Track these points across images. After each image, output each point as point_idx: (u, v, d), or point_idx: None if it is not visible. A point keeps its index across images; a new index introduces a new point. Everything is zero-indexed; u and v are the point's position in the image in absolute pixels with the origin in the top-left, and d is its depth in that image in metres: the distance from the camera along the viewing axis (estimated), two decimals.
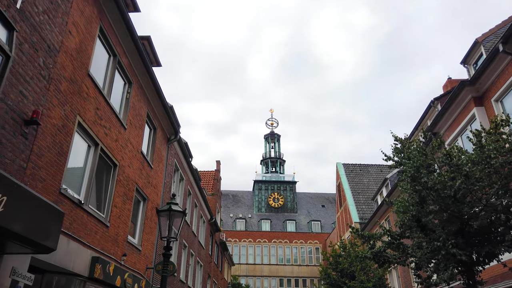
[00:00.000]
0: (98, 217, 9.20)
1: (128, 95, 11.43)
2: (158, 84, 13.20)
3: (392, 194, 22.58)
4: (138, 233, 12.48)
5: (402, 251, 8.53)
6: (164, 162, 15.36)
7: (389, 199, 10.04)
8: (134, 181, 11.79)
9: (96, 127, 9.10)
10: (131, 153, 11.54)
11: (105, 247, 9.55)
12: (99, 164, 9.59)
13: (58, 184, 7.45)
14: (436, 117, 14.27)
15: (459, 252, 7.13)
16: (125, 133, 11.02)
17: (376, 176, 36.80)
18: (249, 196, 62.80)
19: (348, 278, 19.21)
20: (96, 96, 9.13)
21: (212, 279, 28.03)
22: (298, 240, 51.57)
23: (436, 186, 7.64)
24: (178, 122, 17.02)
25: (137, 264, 11.96)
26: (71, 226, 7.92)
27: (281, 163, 67.03)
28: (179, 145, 17.88)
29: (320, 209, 60.72)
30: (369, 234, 9.06)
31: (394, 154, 9.46)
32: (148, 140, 13.81)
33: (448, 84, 21.98)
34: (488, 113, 11.94)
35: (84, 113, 8.51)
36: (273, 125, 70.89)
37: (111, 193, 10.14)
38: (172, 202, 6.35)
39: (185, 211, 6.51)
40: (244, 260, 49.93)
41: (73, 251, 7.91)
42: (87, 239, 8.60)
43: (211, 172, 35.25)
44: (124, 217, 10.99)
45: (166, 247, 6.21)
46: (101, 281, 9.02)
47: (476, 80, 12.11)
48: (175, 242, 17.39)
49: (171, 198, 6.55)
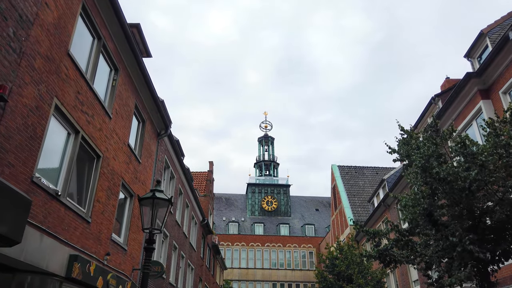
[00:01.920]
0: (78, 212, 8.39)
1: (114, 83, 10.65)
2: (147, 74, 12.45)
3: (389, 196, 21.96)
4: (124, 232, 11.65)
5: (411, 249, 7.83)
6: (153, 157, 14.56)
7: (394, 194, 9.34)
8: (120, 175, 10.99)
9: (76, 113, 8.31)
10: (117, 145, 10.75)
11: (85, 244, 8.72)
12: (80, 154, 8.79)
13: (30, 171, 6.65)
14: (439, 112, 13.67)
15: (477, 249, 6.45)
16: (110, 122, 10.24)
17: (371, 179, 36.22)
18: (242, 199, 61.89)
19: (345, 281, 18.49)
20: (77, 78, 8.35)
21: (203, 282, 27.12)
22: (292, 244, 50.74)
23: (449, 177, 6.98)
24: (169, 117, 16.27)
25: (122, 264, 11.12)
26: (46, 219, 7.11)
27: (275, 166, 66.27)
28: (170, 142, 17.10)
29: (314, 212, 59.98)
30: (374, 230, 8.36)
31: (400, 147, 8.79)
32: (137, 133, 13.02)
33: (446, 84, 21.46)
34: (495, 106, 11.35)
35: (62, 95, 7.73)
36: (267, 127, 70.19)
37: (93, 187, 9.33)
38: (157, 189, 5.60)
39: (171, 199, 5.76)
40: (237, 264, 48.94)
41: (47, 247, 7.09)
42: (64, 235, 7.78)
43: (204, 173, 34.42)
44: (108, 213, 10.17)
45: (149, 240, 5.45)
46: (80, 281, 8.18)
47: (482, 72, 11.53)
48: (165, 242, 16.55)
49: (155, 185, 5.80)
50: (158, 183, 5.97)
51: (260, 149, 67.72)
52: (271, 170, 65.46)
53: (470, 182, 6.81)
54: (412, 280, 19.39)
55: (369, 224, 24.54)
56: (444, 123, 13.59)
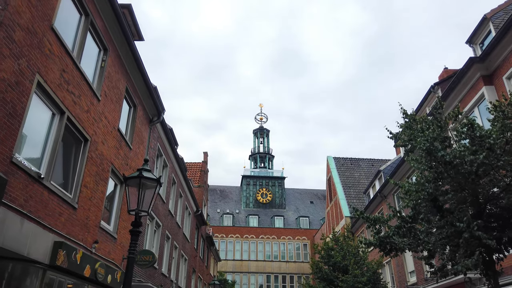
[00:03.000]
0: (63, 197, 7.94)
1: (103, 63, 10.15)
2: (139, 57, 11.94)
3: (386, 187, 21.73)
4: (114, 219, 11.23)
5: (413, 236, 7.50)
6: (145, 144, 14.10)
7: (394, 181, 8.99)
8: (109, 161, 10.54)
9: (61, 92, 7.83)
10: (106, 129, 10.28)
11: (71, 231, 8.30)
12: (66, 136, 8.33)
13: (9, 151, 6.20)
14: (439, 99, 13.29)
15: (485, 236, 6.12)
16: (98, 105, 9.76)
17: (367, 170, 36.00)
18: (236, 191, 61.60)
19: (341, 272, 18.24)
20: (62, 56, 7.85)
21: (197, 274, 26.82)
22: (286, 236, 50.61)
23: (455, 161, 6.62)
24: (162, 103, 15.77)
25: (112, 253, 10.71)
26: (27, 203, 6.67)
27: (270, 158, 65.97)
28: (163, 130, 16.62)
29: (309, 205, 59.89)
30: (375, 217, 8.02)
31: (402, 131, 8.42)
32: (128, 118, 12.54)
33: (444, 74, 21.13)
34: (498, 93, 11.01)
35: (45, 72, 7.24)
36: (262, 120, 69.75)
37: (80, 171, 8.88)
38: (144, 168, 5.17)
39: (160, 179, 5.35)
40: (231, 256, 48.77)
41: (29, 233, 6.66)
42: (48, 221, 7.35)
43: (198, 164, 33.98)
44: (97, 200, 9.74)
45: (135, 223, 5.04)
46: (65, 270, 7.77)
47: (486, 57, 11.17)
48: (157, 232, 16.15)
49: (143, 164, 5.37)
50: (145, 162, 5.54)
51: (255, 141, 67.35)
52: (266, 163, 65.17)
53: (477, 166, 6.46)
54: (408, 271, 19.22)
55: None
56: (445, 111, 13.24)
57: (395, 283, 21.00)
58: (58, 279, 7.93)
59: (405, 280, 19.31)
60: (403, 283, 19.47)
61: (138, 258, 11.25)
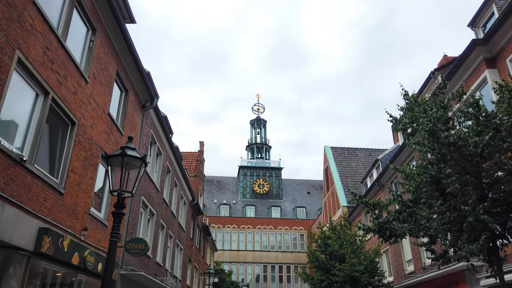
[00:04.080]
0: (48, 181, 7.58)
1: (92, 44, 9.72)
2: (130, 39, 11.48)
3: (383, 176, 21.48)
4: (104, 207, 10.88)
5: (414, 222, 7.20)
6: (138, 131, 13.70)
7: (394, 166, 8.68)
8: (99, 146, 10.16)
9: (45, 71, 7.42)
10: (95, 113, 9.88)
11: (57, 217, 7.95)
12: (51, 118, 7.94)
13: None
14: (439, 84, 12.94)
15: (490, 220, 5.82)
16: (86, 87, 9.35)
17: (364, 160, 35.77)
18: (233, 182, 61.38)
19: (337, 261, 18.04)
20: (45, 32, 7.42)
21: (193, 263, 26.62)
22: (283, 227, 50.56)
23: (459, 142, 6.30)
24: (155, 89, 15.31)
25: (103, 241, 10.39)
26: (7, 187, 6.30)
27: (267, 149, 65.68)
28: (157, 117, 16.21)
29: (306, 195, 59.80)
30: (374, 202, 7.72)
31: (404, 114, 8.08)
32: (119, 102, 12.13)
33: (443, 61, 20.83)
34: (501, 76, 10.67)
35: (27, 49, 6.82)
36: (259, 110, 69.34)
37: (67, 155, 8.50)
38: (128, 146, 4.80)
39: (145, 157, 4.99)
40: (228, 247, 48.70)
41: (10, 218, 6.31)
42: (32, 206, 7.00)
43: (194, 153, 33.60)
44: (85, 186, 9.38)
45: (118, 204, 4.68)
46: (51, 257, 7.45)
47: (489, 39, 10.81)
48: (151, 220, 15.85)
49: (127, 142, 5.00)
50: (129, 140, 5.16)
51: (252, 131, 66.96)
52: (263, 153, 64.90)
53: (482, 147, 6.14)
54: (406, 260, 19.06)
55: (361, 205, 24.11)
56: (448, 93, 12.91)
57: (392, 272, 20.87)
58: (43, 266, 7.62)
59: (402, 269, 19.16)
60: (400, 272, 19.33)
61: (130, 246, 10.94)
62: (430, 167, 6.74)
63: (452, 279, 13.68)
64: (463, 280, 13.01)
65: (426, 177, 6.73)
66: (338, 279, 17.27)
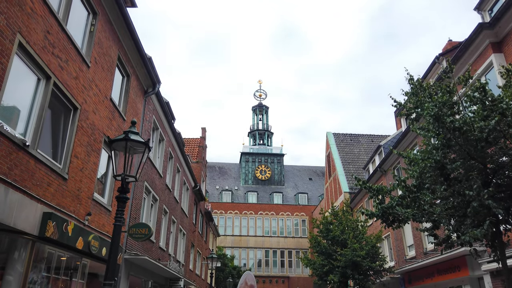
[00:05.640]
0: (51, 166, 7.58)
1: (93, 28, 9.60)
2: (131, 23, 11.35)
3: (386, 162, 21.46)
4: (108, 192, 10.93)
5: (418, 207, 7.20)
6: (140, 116, 13.66)
7: (398, 151, 8.62)
8: (101, 131, 10.13)
9: (46, 56, 7.34)
10: (97, 98, 9.83)
11: (61, 202, 7.98)
12: (53, 103, 7.90)
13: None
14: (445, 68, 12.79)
15: (494, 205, 5.81)
16: (88, 72, 9.27)
17: (367, 146, 35.71)
18: (235, 168, 61.54)
19: (339, 246, 18.19)
20: (46, 16, 7.32)
21: (196, 248, 26.90)
22: (285, 212, 50.86)
23: (465, 127, 6.25)
24: (157, 74, 15.21)
25: (107, 226, 10.46)
26: (11, 172, 6.30)
27: (269, 135, 65.57)
28: (159, 102, 16.13)
29: (307, 182, 59.95)
30: (378, 187, 7.70)
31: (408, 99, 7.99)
32: (121, 88, 12.06)
33: (448, 46, 20.57)
34: (508, 60, 10.53)
35: (28, 33, 6.74)
36: (261, 96, 68.96)
37: (70, 141, 8.49)
38: (131, 131, 4.78)
39: (149, 142, 4.96)
40: (230, 232, 49.13)
41: (14, 203, 6.33)
42: (36, 191, 7.01)
43: (196, 140, 33.60)
44: (89, 171, 9.39)
45: (121, 189, 4.68)
46: (55, 241, 7.50)
47: (496, 22, 10.62)
48: (154, 206, 15.94)
49: (130, 127, 4.97)
50: (132, 124, 5.14)
51: (254, 118, 66.76)
52: (265, 140, 64.83)
53: (488, 132, 6.08)
54: (407, 245, 19.18)
55: (363, 191, 24.17)
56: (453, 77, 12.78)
57: (394, 257, 21.03)
58: (48, 251, 7.68)
59: (403, 254, 19.30)
60: (401, 257, 19.48)
61: (134, 231, 11.02)
62: (434, 152, 6.70)
63: (454, 264, 13.77)
64: (464, 265, 13.10)
65: (430, 162, 6.71)
66: (340, 264, 17.43)
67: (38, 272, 7.33)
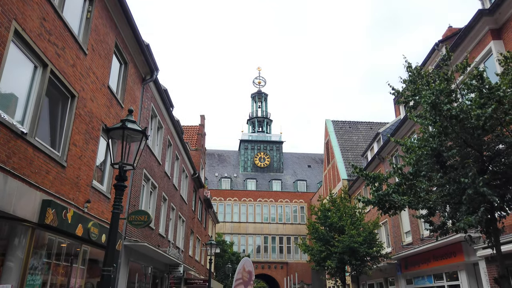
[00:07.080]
0: (50, 154, 7.60)
1: (89, 15, 9.51)
2: (128, 9, 11.24)
3: (384, 149, 21.53)
4: (107, 179, 10.98)
5: (414, 194, 7.28)
6: (138, 104, 13.63)
7: (395, 139, 8.65)
8: (99, 119, 10.13)
9: (42, 43, 7.30)
10: (95, 86, 9.80)
11: (60, 190, 8.03)
12: (51, 91, 7.88)
13: None
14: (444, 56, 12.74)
15: (489, 192, 5.88)
16: (85, 59, 9.22)
17: (365, 134, 35.76)
18: (234, 155, 61.66)
19: (337, 232, 18.40)
20: (41, 2, 7.25)
21: (195, 235, 27.15)
22: (284, 199, 51.17)
23: (461, 115, 6.27)
24: (155, 62, 15.11)
25: (106, 213, 10.55)
26: (9, 160, 6.33)
27: (268, 122, 65.51)
28: (157, 90, 16.08)
29: (306, 169, 60.19)
30: (374, 174, 7.76)
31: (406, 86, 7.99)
32: (118, 75, 12.01)
33: (448, 32, 20.44)
34: (507, 47, 10.48)
35: (23, 20, 6.69)
36: (260, 83, 68.66)
37: (68, 128, 8.50)
38: (128, 119, 4.79)
39: (146, 130, 4.99)
40: (229, 219, 49.50)
41: (13, 190, 6.37)
42: (34, 179, 7.05)
43: (195, 127, 33.58)
44: (87, 159, 9.43)
45: (119, 177, 4.73)
46: (55, 228, 7.58)
47: (496, 9, 10.54)
48: (153, 193, 16.03)
49: (127, 115, 4.99)
50: (129, 113, 5.15)
51: (253, 105, 66.59)
52: (264, 127, 64.78)
53: (485, 120, 6.11)
54: (404, 232, 19.38)
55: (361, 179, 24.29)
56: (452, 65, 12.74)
57: (391, 243, 21.28)
58: (48, 237, 7.77)
59: (400, 240, 19.52)
60: (398, 243, 19.71)
61: (133, 218, 11.12)
62: (431, 140, 6.74)
63: (449, 250, 13.95)
64: (460, 251, 13.27)
65: (427, 150, 6.75)
66: (337, 250, 17.65)
67: (38, 258, 7.42)
